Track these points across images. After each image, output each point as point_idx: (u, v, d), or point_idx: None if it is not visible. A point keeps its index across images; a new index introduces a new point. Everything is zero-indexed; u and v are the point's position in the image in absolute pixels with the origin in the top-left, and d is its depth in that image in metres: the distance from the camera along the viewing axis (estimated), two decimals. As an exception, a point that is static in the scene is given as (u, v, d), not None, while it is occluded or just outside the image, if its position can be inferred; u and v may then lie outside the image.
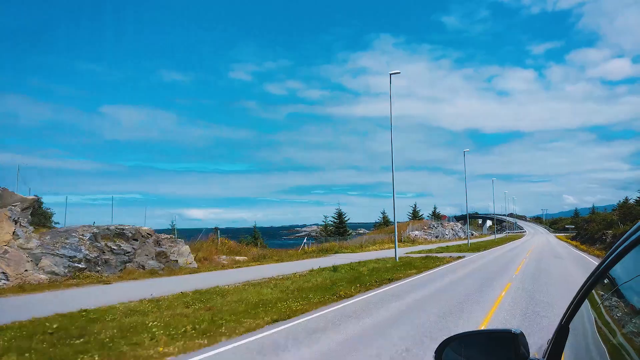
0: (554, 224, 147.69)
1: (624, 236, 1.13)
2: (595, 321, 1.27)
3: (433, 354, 1.62)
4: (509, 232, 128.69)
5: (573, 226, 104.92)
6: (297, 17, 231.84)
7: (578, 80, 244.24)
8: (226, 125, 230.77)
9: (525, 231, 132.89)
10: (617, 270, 1.20)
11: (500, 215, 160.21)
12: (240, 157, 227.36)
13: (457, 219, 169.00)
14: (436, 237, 66.12)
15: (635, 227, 1.09)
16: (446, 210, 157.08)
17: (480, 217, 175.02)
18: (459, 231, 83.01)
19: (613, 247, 1.20)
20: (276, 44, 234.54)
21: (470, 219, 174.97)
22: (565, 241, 68.74)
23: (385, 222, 75.88)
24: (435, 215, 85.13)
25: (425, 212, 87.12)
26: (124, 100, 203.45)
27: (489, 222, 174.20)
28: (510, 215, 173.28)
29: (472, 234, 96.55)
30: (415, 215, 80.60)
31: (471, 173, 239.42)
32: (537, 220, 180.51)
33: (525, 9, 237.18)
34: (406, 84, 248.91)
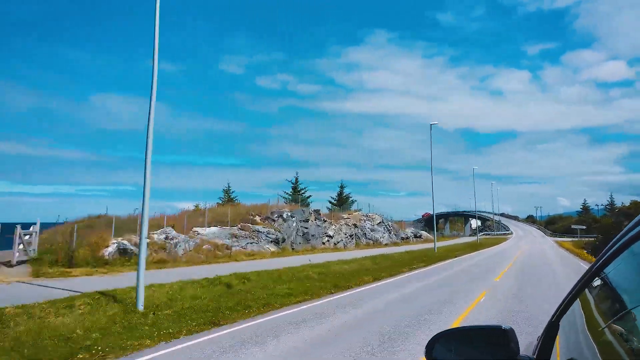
0: (550, 223, 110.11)
1: (617, 236, 1.16)
2: (586, 319, 1.29)
3: (424, 349, 1.57)
4: (485, 235, 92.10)
5: (584, 226, 67.64)
6: (290, 9, 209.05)
7: (572, 82, 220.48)
8: (217, 118, 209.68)
9: (510, 233, 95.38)
10: (610, 270, 1.22)
11: (485, 212, 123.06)
12: (231, 150, 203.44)
13: (438, 217, 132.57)
14: (276, 244, 28.13)
15: (628, 227, 1.12)
16: (442, 210, 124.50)
17: (461, 215, 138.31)
18: (379, 233, 45.46)
19: (607, 247, 1.21)
20: (268, 36, 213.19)
21: (453, 218, 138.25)
22: (584, 257, 31.66)
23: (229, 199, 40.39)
24: (343, 201, 47.38)
25: (420, 211, 48.39)
26: (113, 89, 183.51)
27: (473, 222, 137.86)
28: (502, 215, 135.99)
29: (417, 237, 58.75)
30: (295, 198, 42.92)
31: (464, 173, 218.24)
32: (530, 220, 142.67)
33: (521, 7, 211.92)
34: (402, 81, 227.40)
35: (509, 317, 9.50)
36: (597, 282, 1.36)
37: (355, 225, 40.50)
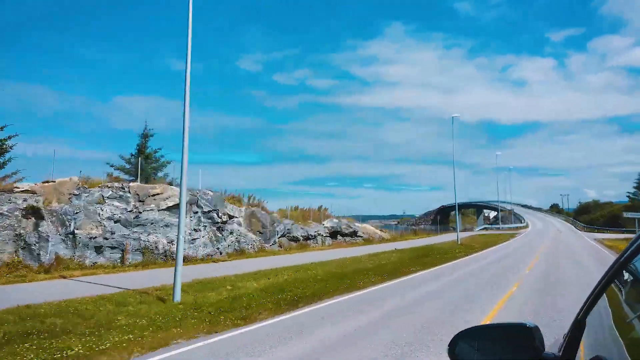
0: (582, 213, 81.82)
1: None
2: (613, 315, 1.25)
3: (447, 346, 1.50)
4: (487, 229, 65.77)
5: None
6: (305, 2, 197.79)
7: (600, 69, 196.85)
8: (234, 115, 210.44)
9: (525, 226, 67.78)
10: (637, 264, 1.17)
11: (498, 203, 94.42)
12: (249, 147, 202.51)
13: (449, 209, 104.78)
14: None
15: None
16: (454, 202, 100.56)
17: (474, 206, 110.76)
18: (165, 230, 18.83)
19: (632, 240, 1.17)
20: (284, 31, 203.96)
21: (466, 210, 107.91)
22: None
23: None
24: (147, 164, 21.28)
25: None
26: (131, 89, 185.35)
27: (490, 214, 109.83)
28: (525, 207, 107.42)
29: (345, 235, 32.52)
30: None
31: (485, 166, 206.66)
32: (555, 209, 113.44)
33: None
34: (419, 73, 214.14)
35: None
36: (624, 276, 1.29)
37: (32, 211, 14.18)
